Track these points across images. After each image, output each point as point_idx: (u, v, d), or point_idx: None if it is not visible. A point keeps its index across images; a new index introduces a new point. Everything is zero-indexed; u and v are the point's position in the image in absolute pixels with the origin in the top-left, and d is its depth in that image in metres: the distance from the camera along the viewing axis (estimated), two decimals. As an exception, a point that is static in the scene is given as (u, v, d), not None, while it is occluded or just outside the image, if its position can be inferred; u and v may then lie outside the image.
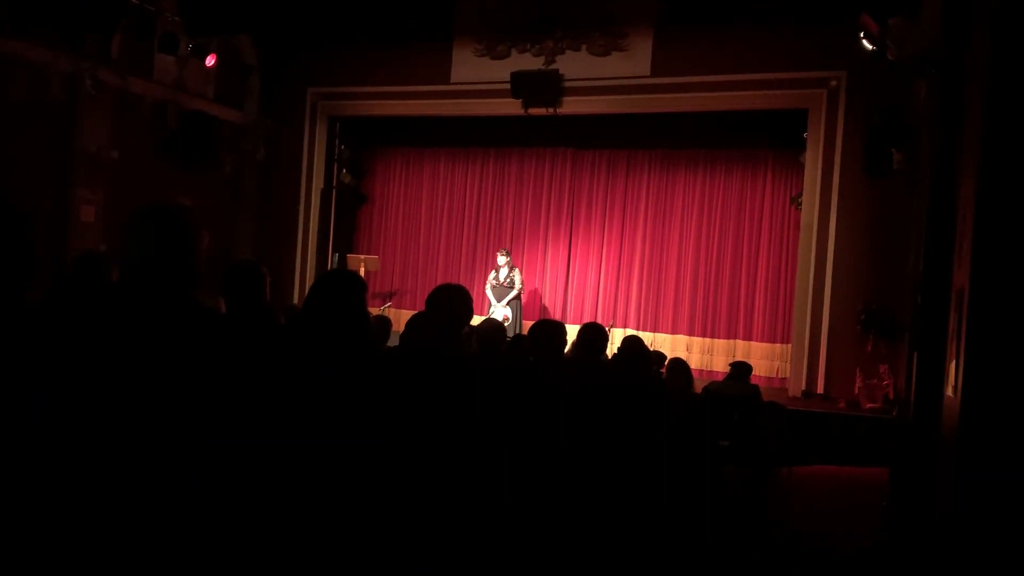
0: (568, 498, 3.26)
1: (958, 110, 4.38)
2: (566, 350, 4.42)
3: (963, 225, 3.35)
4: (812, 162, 9.41)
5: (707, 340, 10.90)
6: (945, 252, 4.27)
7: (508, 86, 10.18)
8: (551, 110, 10.27)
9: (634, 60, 10.05)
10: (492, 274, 10.95)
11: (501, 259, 10.81)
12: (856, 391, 8.89)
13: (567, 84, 10.18)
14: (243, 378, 2.09)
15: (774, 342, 10.54)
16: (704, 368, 10.59)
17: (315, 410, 2.24)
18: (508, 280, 10.73)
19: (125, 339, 1.93)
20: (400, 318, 10.78)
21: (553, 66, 10.27)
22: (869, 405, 8.70)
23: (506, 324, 9.94)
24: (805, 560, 5.18)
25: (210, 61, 10.12)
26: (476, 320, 4.75)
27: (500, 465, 2.83)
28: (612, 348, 7.46)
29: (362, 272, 10.95)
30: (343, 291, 2.45)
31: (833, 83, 9.21)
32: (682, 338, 11.00)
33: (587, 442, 3.50)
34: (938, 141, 4.83)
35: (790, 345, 9.89)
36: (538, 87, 10.17)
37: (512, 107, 10.37)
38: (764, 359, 10.46)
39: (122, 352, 1.91)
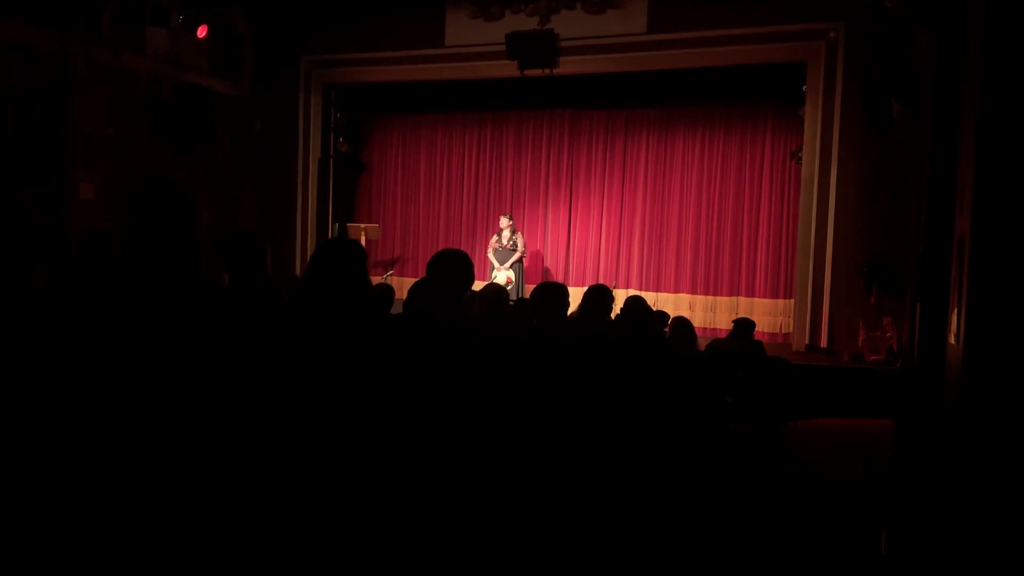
0: (575, 458, 3.29)
1: (958, 58, 4.34)
2: (569, 312, 4.43)
3: (964, 173, 3.34)
4: (812, 115, 9.33)
5: (709, 298, 10.91)
6: (947, 201, 4.25)
7: (503, 48, 10.08)
8: (547, 71, 10.16)
9: (630, 17, 9.93)
10: (495, 237, 10.95)
11: (504, 222, 10.79)
12: (860, 344, 8.92)
13: (563, 44, 10.05)
14: (250, 349, 2.10)
15: (777, 298, 10.55)
16: (707, 326, 10.61)
17: (323, 378, 2.26)
18: (511, 243, 10.73)
19: (133, 315, 1.94)
20: (403, 286, 10.80)
21: (548, 26, 10.15)
22: (873, 357, 8.73)
23: (509, 287, 9.95)
24: (812, 513, 5.23)
25: (202, 32, 10.02)
26: (478, 285, 4.75)
27: (506, 427, 2.85)
28: (615, 309, 7.47)
29: (363, 241, 10.96)
30: (342, 260, 2.45)
31: (831, 34, 9.10)
32: (684, 296, 11.02)
33: (592, 404, 3.52)
34: (939, 90, 4.79)
35: (793, 300, 9.90)
36: (533, 48, 10.05)
37: (508, 69, 10.27)
38: (767, 315, 10.48)
39: (131, 328, 1.92)
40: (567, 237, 11.73)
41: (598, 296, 4.35)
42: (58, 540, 1.86)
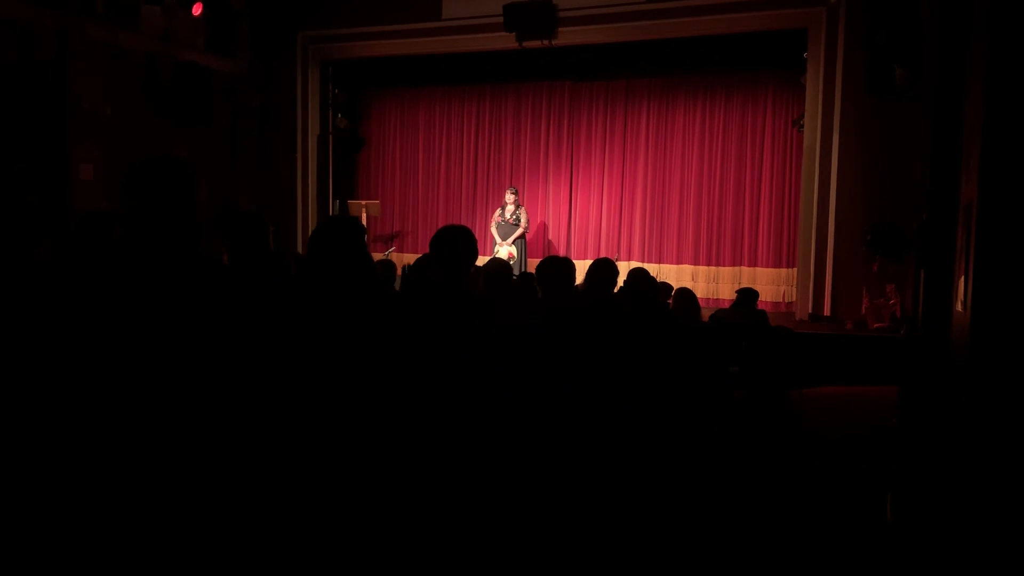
0: (581, 432, 3.29)
1: (964, 21, 4.29)
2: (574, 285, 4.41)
3: (970, 139, 3.31)
4: (813, 83, 9.26)
5: (712, 268, 10.90)
6: (951, 167, 4.23)
7: (501, 19, 9.99)
8: (546, 42, 10.08)
9: (628, -14, 9.83)
10: (498, 211, 10.90)
11: (509, 197, 10.74)
12: (863, 311, 8.92)
13: (561, 14, 9.98)
14: (250, 325, 2.10)
15: (780, 267, 10.54)
16: (710, 296, 10.61)
17: (325, 354, 2.25)
18: (514, 218, 10.69)
19: (133, 292, 1.93)
20: (403, 261, 10.79)
21: (546, -4, 10.06)
22: (876, 325, 8.74)
23: (510, 263, 9.93)
24: (815, 480, 5.25)
25: (197, 10, 9.94)
26: (482, 260, 4.74)
27: (513, 398, 2.85)
28: (618, 282, 7.45)
29: (364, 217, 10.93)
30: (340, 236, 2.44)
31: (832, 0, 9.01)
32: (687, 268, 11.00)
33: (598, 375, 3.52)
34: (943, 55, 4.74)
35: (796, 269, 9.89)
36: (532, 19, 9.96)
37: (506, 41, 10.19)
38: (770, 284, 10.47)
39: (132, 304, 1.92)
40: (568, 210, 11.69)
41: (603, 269, 4.32)
42: (59, 515, 1.87)
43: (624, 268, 7.64)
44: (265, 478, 2.07)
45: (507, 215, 10.73)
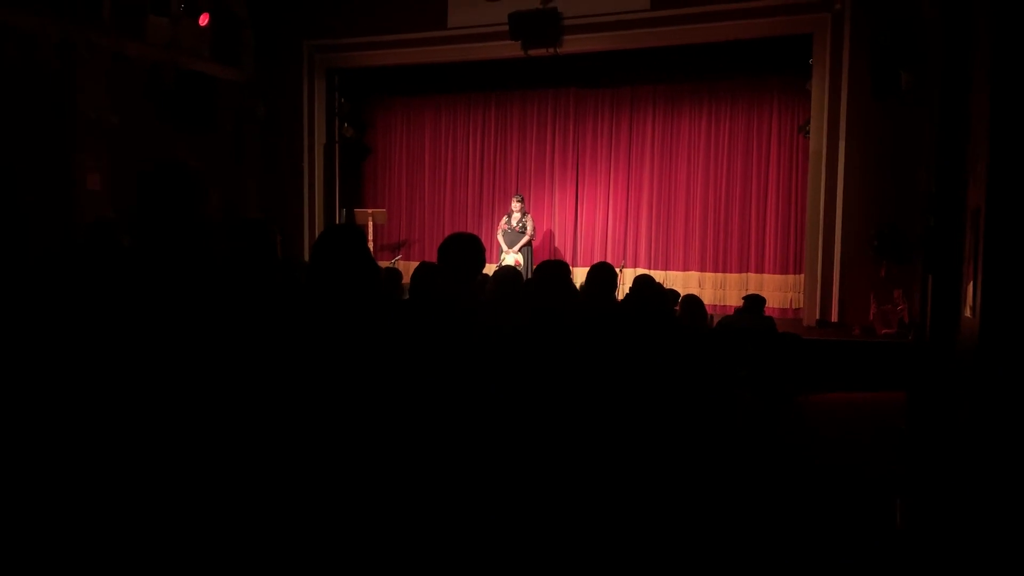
0: (585, 435, 3.28)
1: (967, 24, 4.29)
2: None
3: (976, 144, 3.30)
4: (819, 88, 9.26)
5: (719, 275, 10.88)
6: (958, 171, 4.21)
7: (506, 28, 10.01)
8: (551, 50, 10.10)
9: (633, -7, 9.85)
10: (504, 219, 10.88)
11: (515, 204, 10.72)
12: (871, 317, 8.89)
13: (566, 22, 10.00)
14: (261, 329, 2.10)
15: (787, 273, 10.51)
16: (717, 303, 10.59)
17: (331, 361, 2.25)
18: (520, 225, 10.66)
19: (142, 299, 1.93)
20: (410, 270, 10.77)
21: (551, 4, 10.08)
22: (884, 331, 8.70)
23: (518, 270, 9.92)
24: (823, 486, 5.23)
25: (204, 19, 9.98)
26: (488, 269, 4.72)
27: (515, 401, 2.85)
28: (624, 289, 7.46)
29: (370, 226, 10.94)
30: (345, 242, 2.44)
31: (837, 6, 9.01)
32: (694, 274, 10.98)
33: (600, 378, 3.51)
34: (947, 58, 4.74)
35: (803, 275, 9.87)
36: (537, 27, 9.99)
37: (511, 49, 10.21)
38: (777, 290, 10.44)
39: (141, 311, 1.92)
40: (574, 217, 11.69)
41: (602, 272, 4.31)
42: (71, 521, 1.87)
43: (631, 276, 7.62)
44: (273, 482, 2.07)
45: (513, 223, 10.71)
